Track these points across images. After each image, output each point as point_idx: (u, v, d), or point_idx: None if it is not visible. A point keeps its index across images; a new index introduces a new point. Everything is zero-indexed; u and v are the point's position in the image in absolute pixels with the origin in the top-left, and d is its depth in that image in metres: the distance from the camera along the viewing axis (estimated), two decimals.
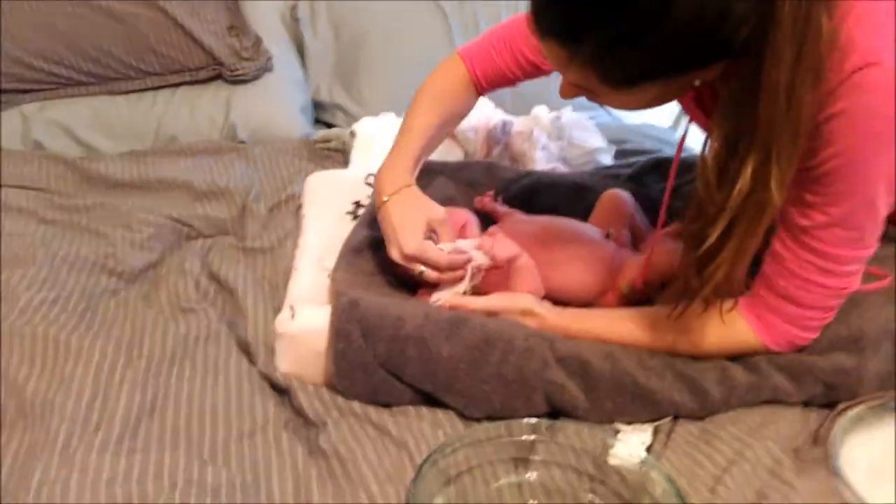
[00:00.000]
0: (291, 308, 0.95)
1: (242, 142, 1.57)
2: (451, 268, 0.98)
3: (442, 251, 0.98)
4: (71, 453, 0.77)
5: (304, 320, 0.93)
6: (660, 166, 1.33)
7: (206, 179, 1.36)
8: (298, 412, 0.89)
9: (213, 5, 1.60)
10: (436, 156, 1.20)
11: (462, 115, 1.16)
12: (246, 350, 0.98)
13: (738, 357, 0.93)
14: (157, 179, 1.36)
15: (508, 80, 1.10)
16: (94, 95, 1.57)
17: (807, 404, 0.92)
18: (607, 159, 1.46)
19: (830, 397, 0.92)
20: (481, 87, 1.11)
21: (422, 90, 1.10)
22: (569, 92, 0.82)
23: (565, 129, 1.46)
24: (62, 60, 1.54)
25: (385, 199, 1.01)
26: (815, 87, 0.72)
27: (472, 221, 1.09)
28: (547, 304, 0.99)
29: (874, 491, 0.78)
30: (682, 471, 0.83)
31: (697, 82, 0.76)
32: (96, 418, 0.82)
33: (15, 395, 0.84)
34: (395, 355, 0.90)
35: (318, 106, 1.76)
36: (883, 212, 0.82)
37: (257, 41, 1.65)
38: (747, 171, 0.74)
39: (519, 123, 1.46)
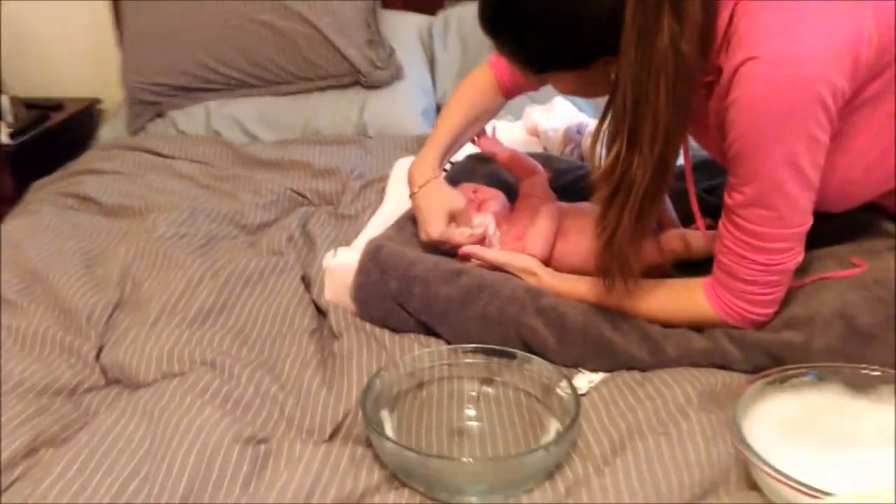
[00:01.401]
0: (335, 250, 1.21)
1: (370, 137, 1.88)
2: (472, 243, 1.19)
3: (463, 233, 1.19)
4: (153, 327, 1.09)
5: (342, 258, 1.19)
6: (706, 165, 1.44)
7: (324, 162, 1.68)
8: (327, 327, 1.15)
9: (355, 23, 1.94)
10: (521, 149, 1.39)
11: (489, 116, 1.33)
12: (307, 282, 1.26)
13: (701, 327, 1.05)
14: (288, 160, 1.70)
15: (530, 86, 1.28)
16: (260, 96, 1.97)
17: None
18: None
19: None
20: (507, 91, 1.29)
21: (454, 93, 1.31)
22: (533, 83, 1.01)
23: None
24: (238, 67, 1.95)
25: (415, 190, 1.23)
26: (674, 82, 0.85)
27: (498, 198, 1.28)
28: (549, 270, 1.17)
29: (769, 446, 0.86)
30: (609, 401, 0.97)
31: (613, 75, 0.92)
32: (179, 308, 1.13)
33: (134, 289, 1.19)
34: (404, 290, 1.13)
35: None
36: (800, 194, 0.92)
37: (391, 53, 1.97)
38: (612, 155, 0.89)
39: (592, 125, 1.62)
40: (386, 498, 0.82)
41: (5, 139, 1.91)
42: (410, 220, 1.31)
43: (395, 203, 1.43)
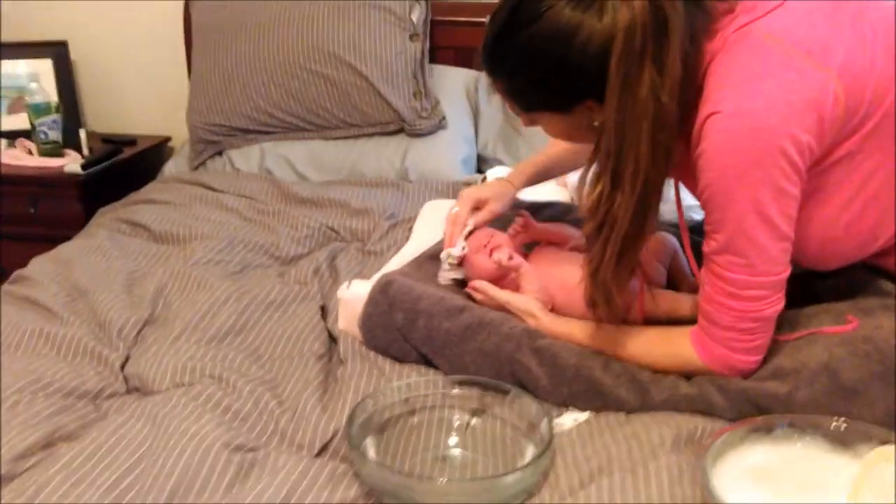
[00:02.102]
0: (349, 282, 1.29)
1: (410, 181, 1.97)
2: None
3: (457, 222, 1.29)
4: (175, 342, 1.18)
5: (355, 290, 1.26)
6: None
7: (361, 202, 1.77)
8: (336, 353, 1.22)
9: (403, 76, 2.05)
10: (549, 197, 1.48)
11: (571, 166, 1.40)
12: (324, 311, 1.34)
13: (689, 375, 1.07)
14: (328, 198, 1.81)
15: None
16: (311, 139, 2.09)
17: None
18: (698, 215, 1.61)
19: None
20: None
21: None
22: (524, 121, 1.08)
23: None
24: (292, 111, 2.08)
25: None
26: (654, 129, 0.91)
27: (509, 244, 1.33)
28: (549, 313, 1.21)
29: (738, 493, 0.88)
30: (587, 439, 1.00)
31: (596, 123, 0.98)
32: (201, 326, 1.22)
33: (164, 308, 1.29)
34: (409, 323, 1.19)
35: (482, 159, 2.12)
36: (770, 243, 0.95)
37: (436, 104, 2.07)
38: (595, 194, 0.94)
39: None
40: None
41: (78, 169, 2.08)
42: (429, 259, 1.38)
43: (419, 242, 1.50)
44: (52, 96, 2.26)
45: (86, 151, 2.23)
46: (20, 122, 2.25)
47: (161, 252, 1.53)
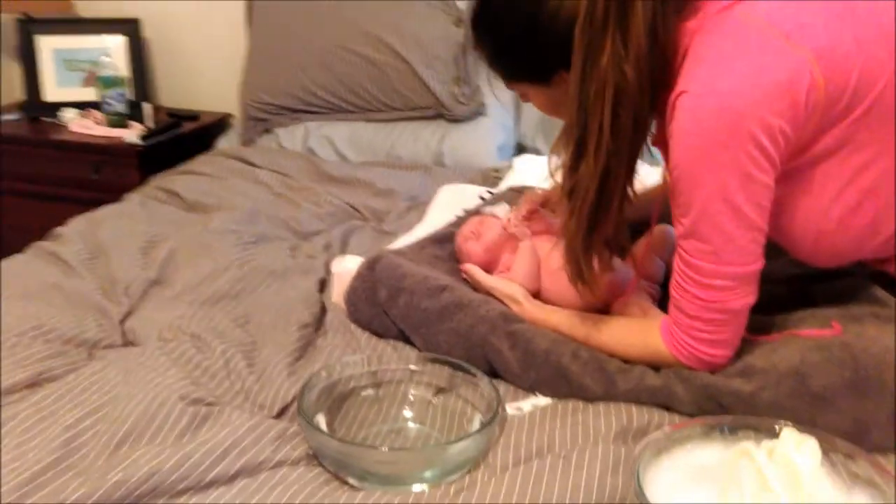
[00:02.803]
0: (343, 255, 1.32)
1: (445, 166, 1.99)
2: None
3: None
4: (171, 302, 1.25)
5: (347, 264, 1.30)
6: None
7: (387, 183, 1.81)
8: (323, 323, 1.26)
9: (444, 60, 2.07)
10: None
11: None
12: (323, 284, 1.38)
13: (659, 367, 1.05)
14: (356, 178, 1.85)
15: None
16: (353, 121, 2.14)
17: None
18: None
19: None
20: None
21: None
22: (521, 96, 1.10)
23: None
24: (336, 93, 2.13)
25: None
26: (616, 101, 0.90)
27: (491, 226, 1.33)
28: (533, 300, 1.21)
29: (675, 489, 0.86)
30: (537, 423, 1.00)
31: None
32: (198, 290, 1.29)
33: (172, 271, 1.37)
34: (390, 299, 1.22)
35: (522, 147, 2.12)
36: (737, 232, 0.92)
37: (476, 91, 2.08)
38: (562, 163, 0.94)
39: None
40: (292, 472, 0.90)
41: (137, 140, 2.21)
42: (434, 242, 1.40)
43: (430, 224, 1.53)
44: (123, 71, 2.40)
45: (150, 124, 2.36)
46: (93, 94, 2.40)
47: (186, 219, 1.61)
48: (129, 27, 2.47)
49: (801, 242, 1.02)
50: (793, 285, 1.18)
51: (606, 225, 1.01)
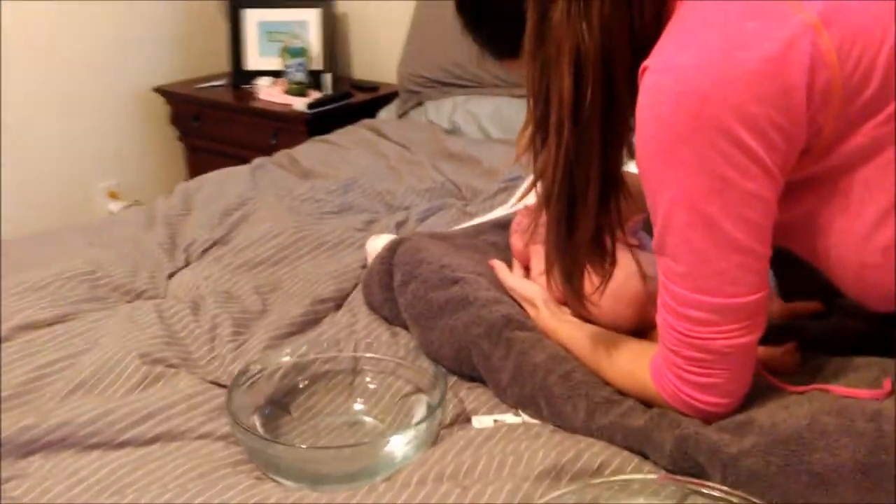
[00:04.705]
0: (379, 235, 1.27)
1: None
2: None
3: None
4: (212, 263, 1.30)
5: (379, 243, 1.24)
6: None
7: (494, 162, 1.71)
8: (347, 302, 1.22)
9: None
10: None
11: None
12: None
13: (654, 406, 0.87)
14: (468, 154, 1.77)
15: None
16: (499, 96, 2.05)
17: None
18: None
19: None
20: None
21: None
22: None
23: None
24: (483, 66, 2.05)
25: None
26: (577, 66, 0.73)
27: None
28: (552, 305, 1.06)
29: None
30: (477, 444, 0.88)
31: None
32: (245, 252, 1.32)
33: (236, 233, 1.41)
34: (402, 285, 1.14)
35: None
36: (715, 252, 0.72)
37: None
38: (525, 145, 0.80)
39: None
40: (206, 447, 0.88)
41: (304, 108, 2.32)
42: (495, 228, 1.29)
43: (505, 209, 1.41)
44: (314, 42, 2.53)
45: (329, 92, 2.47)
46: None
47: (287, 185, 1.65)
48: (324, 1, 2.59)
49: (842, 277, 0.77)
50: (873, 322, 0.90)
51: (585, 223, 0.82)
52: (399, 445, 0.86)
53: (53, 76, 2.42)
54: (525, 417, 0.95)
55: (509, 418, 0.95)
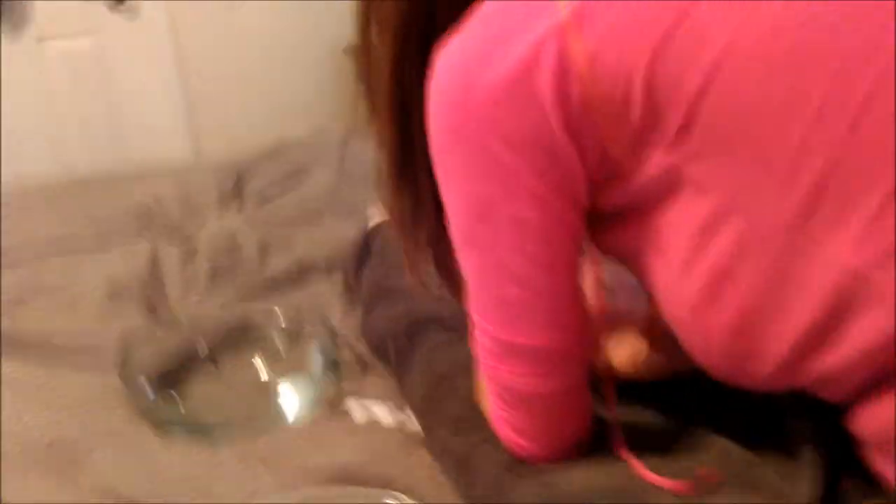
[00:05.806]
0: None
1: None
2: None
3: None
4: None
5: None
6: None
7: None
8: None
9: None
10: None
11: None
12: None
13: None
14: None
15: None
16: None
17: None
18: None
19: None
20: None
21: None
22: None
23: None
24: None
25: None
26: (395, 33, 0.64)
27: None
28: None
29: None
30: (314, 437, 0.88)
31: None
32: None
33: None
34: (366, 265, 1.12)
35: None
36: (484, 275, 0.63)
37: None
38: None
39: None
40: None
41: None
42: None
43: None
44: None
45: None
46: None
47: None
48: None
49: (684, 335, 0.62)
50: (771, 404, 0.71)
51: (425, 215, 0.70)
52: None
53: None
54: (389, 417, 0.90)
55: (386, 418, 0.90)
